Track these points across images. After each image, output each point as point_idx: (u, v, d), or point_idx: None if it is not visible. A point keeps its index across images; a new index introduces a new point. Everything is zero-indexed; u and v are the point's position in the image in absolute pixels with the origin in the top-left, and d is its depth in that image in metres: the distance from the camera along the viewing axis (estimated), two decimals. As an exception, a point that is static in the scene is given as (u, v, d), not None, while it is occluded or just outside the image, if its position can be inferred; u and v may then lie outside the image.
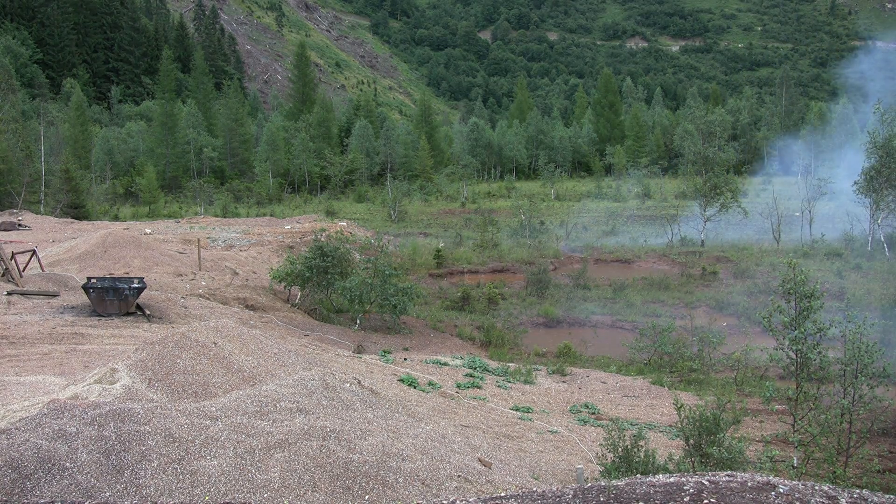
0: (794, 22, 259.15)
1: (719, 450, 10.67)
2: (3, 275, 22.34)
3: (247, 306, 25.17)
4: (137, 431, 8.38)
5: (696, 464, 10.93)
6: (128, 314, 19.97)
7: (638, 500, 5.70)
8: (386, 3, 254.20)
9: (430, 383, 18.11)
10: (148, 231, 37.52)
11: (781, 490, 5.70)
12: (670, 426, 16.05)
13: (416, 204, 67.63)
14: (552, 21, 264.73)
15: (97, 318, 19.46)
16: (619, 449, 10.96)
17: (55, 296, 21.47)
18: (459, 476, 9.34)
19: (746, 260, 39.19)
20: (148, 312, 20.44)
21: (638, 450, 10.89)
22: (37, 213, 50.64)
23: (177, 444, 8.38)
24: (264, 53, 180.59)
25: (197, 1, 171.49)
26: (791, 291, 13.26)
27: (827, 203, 53.43)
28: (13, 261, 22.50)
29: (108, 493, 7.51)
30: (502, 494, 6.44)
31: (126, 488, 7.66)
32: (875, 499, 5.65)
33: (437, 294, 32.41)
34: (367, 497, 8.14)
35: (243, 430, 8.95)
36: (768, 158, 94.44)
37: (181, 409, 9.23)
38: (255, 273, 30.34)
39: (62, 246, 31.16)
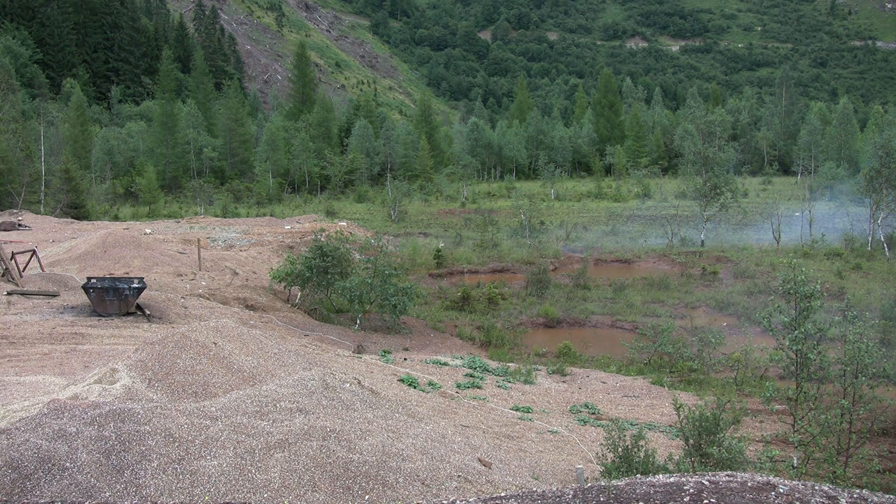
0: (794, 22, 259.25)
1: (719, 450, 10.67)
2: (3, 275, 22.34)
3: (247, 306, 25.17)
4: (137, 431, 8.38)
5: (696, 464, 10.93)
6: (128, 314, 19.96)
7: (638, 500, 5.70)
8: (386, 3, 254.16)
9: (430, 383, 18.11)
10: (148, 231, 37.52)
11: (781, 490, 5.70)
12: (670, 426, 16.05)
13: (416, 204, 67.64)
14: (552, 21, 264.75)
15: (97, 318, 19.45)
16: (619, 449, 10.96)
17: (55, 296, 21.47)
18: (459, 476, 9.34)
19: (746, 260, 39.19)
20: (148, 312, 20.44)
21: (638, 450, 10.89)
22: (37, 213, 50.63)
23: (177, 444, 8.39)
24: (264, 53, 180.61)
25: (197, 1, 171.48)
26: (791, 292, 13.26)
27: (827, 203, 53.50)
28: (13, 261, 22.50)
29: (108, 493, 7.51)
30: (502, 494, 6.44)
31: (126, 488, 7.66)
32: (875, 499, 5.65)
33: (437, 294, 32.41)
34: (367, 497, 8.14)
35: (243, 430, 8.95)
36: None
37: (181, 409, 9.23)
38: (255, 273, 30.33)
39: (62, 246, 31.15)
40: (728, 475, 6.19)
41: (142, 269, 26.72)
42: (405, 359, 21.20)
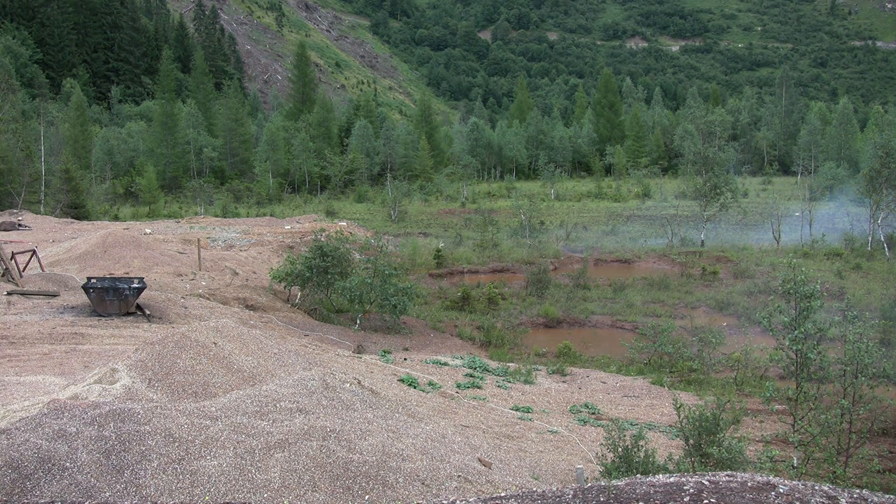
0: (794, 22, 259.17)
1: (719, 450, 10.68)
2: (3, 275, 22.34)
3: (247, 306, 25.17)
4: (137, 431, 8.38)
5: (696, 464, 10.93)
6: (128, 314, 19.96)
7: (638, 500, 5.70)
8: (386, 3, 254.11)
9: (430, 383, 18.11)
10: (148, 231, 37.51)
11: (781, 490, 5.70)
12: (670, 426, 16.04)
13: (416, 204, 67.63)
14: (552, 21, 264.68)
15: (97, 318, 19.46)
16: (619, 449, 10.96)
17: (55, 296, 21.47)
18: (459, 476, 9.34)
19: (746, 260, 39.19)
20: (148, 312, 20.44)
21: (638, 450, 10.89)
22: (37, 213, 50.63)
23: (177, 444, 8.38)
24: (264, 53, 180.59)
25: (197, 1, 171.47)
26: (791, 292, 13.26)
27: (827, 203, 53.50)
28: (13, 261, 22.50)
29: (108, 493, 7.51)
30: (502, 494, 6.44)
31: (126, 488, 7.65)
32: (875, 499, 5.65)
33: (437, 294, 32.40)
34: (367, 497, 8.14)
35: (243, 430, 8.95)
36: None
37: (181, 409, 9.23)
38: (255, 273, 30.33)
39: (62, 246, 31.15)
40: (728, 475, 6.19)
41: (142, 269, 26.72)
42: (405, 359, 21.20)
